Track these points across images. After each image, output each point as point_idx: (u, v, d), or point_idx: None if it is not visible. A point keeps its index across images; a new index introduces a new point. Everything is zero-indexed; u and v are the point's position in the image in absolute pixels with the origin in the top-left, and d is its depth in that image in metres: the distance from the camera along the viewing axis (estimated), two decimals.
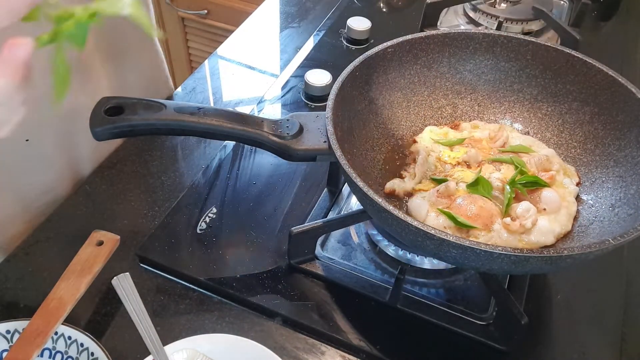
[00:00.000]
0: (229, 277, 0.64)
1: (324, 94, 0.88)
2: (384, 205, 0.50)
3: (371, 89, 0.68)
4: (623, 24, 1.13)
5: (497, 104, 0.73)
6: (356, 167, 0.61)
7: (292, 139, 0.60)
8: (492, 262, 0.49)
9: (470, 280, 0.65)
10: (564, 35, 0.98)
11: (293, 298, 0.63)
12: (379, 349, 0.59)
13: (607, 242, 0.48)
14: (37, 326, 0.54)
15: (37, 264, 0.66)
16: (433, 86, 0.72)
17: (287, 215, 0.71)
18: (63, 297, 0.56)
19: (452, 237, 0.48)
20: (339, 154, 0.55)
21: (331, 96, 0.60)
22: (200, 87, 0.94)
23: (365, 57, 0.65)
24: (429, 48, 0.70)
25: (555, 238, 0.59)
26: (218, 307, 0.63)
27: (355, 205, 0.72)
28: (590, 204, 0.63)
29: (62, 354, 0.55)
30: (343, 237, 0.69)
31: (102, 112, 0.58)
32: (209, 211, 0.71)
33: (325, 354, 0.59)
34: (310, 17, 1.10)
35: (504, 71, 0.72)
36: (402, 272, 0.62)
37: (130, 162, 0.79)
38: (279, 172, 0.77)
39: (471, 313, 0.61)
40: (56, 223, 0.71)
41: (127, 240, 0.65)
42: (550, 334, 0.62)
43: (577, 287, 0.66)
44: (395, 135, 0.71)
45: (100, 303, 0.62)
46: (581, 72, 0.67)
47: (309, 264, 0.65)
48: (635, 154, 0.61)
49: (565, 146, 0.69)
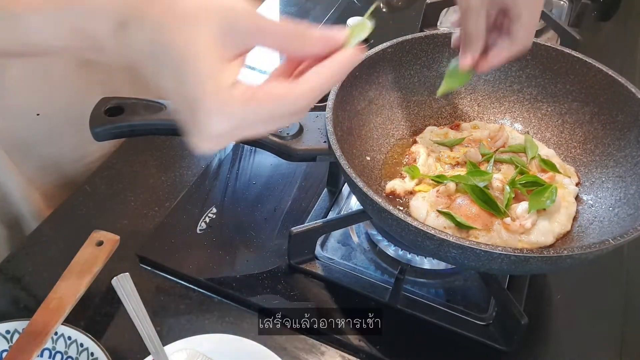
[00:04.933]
0: (229, 277, 0.64)
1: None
2: (384, 205, 0.50)
3: (371, 89, 0.68)
4: (623, 24, 1.13)
5: (497, 104, 0.73)
6: (356, 167, 0.61)
7: (292, 139, 0.60)
8: (492, 262, 0.49)
9: (470, 280, 0.65)
10: (564, 35, 0.98)
11: (293, 298, 0.63)
12: (379, 349, 0.59)
13: (607, 242, 0.48)
14: (37, 326, 0.54)
15: (37, 264, 0.66)
16: (433, 86, 0.72)
17: (287, 215, 0.71)
18: (63, 297, 0.56)
19: (452, 237, 0.48)
20: (338, 154, 0.55)
21: (331, 96, 0.60)
22: None
23: (365, 57, 0.65)
24: (429, 48, 0.70)
25: (554, 238, 0.59)
26: (218, 307, 0.63)
27: (355, 205, 0.72)
28: (590, 204, 0.63)
29: (62, 354, 0.55)
30: (343, 237, 0.69)
31: (102, 113, 0.58)
32: (209, 211, 0.71)
33: (325, 354, 0.59)
34: (310, 17, 1.10)
35: (503, 71, 0.72)
36: (402, 272, 0.62)
37: (130, 162, 0.79)
38: (279, 172, 0.77)
39: (471, 313, 0.61)
40: (56, 223, 0.71)
41: (127, 240, 0.65)
42: (550, 334, 0.62)
43: (577, 287, 0.66)
44: (395, 135, 0.71)
45: (100, 303, 0.62)
46: (581, 72, 0.67)
47: (309, 264, 0.65)
48: (635, 154, 0.61)
49: (565, 146, 0.69)
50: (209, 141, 0.37)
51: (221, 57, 0.36)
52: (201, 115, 0.36)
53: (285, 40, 0.38)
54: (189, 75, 0.35)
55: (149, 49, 0.36)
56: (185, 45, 0.35)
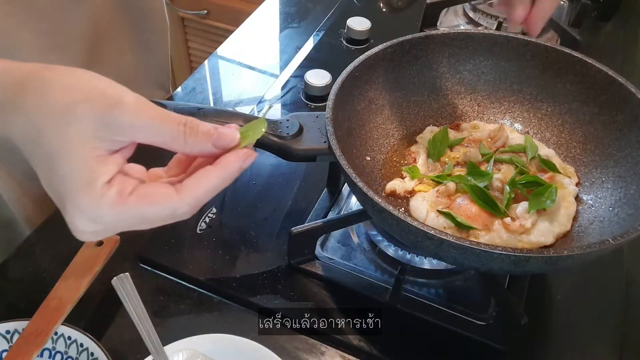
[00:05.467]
0: (229, 277, 0.64)
1: (324, 94, 0.88)
2: (384, 206, 0.50)
3: (371, 89, 0.68)
4: (623, 24, 1.13)
5: (497, 104, 0.73)
6: (356, 167, 0.61)
7: (292, 139, 0.60)
8: (492, 262, 0.49)
9: (470, 280, 0.65)
10: (564, 36, 0.98)
11: (293, 298, 0.63)
12: (379, 349, 0.59)
13: (607, 242, 0.48)
14: (37, 326, 0.54)
15: (37, 264, 0.66)
16: (433, 86, 0.72)
17: (287, 215, 0.71)
18: (63, 297, 0.56)
19: (452, 237, 0.48)
20: (338, 154, 0.55)
21: (331, 96, 0.60)
22: (200, 87, 0.94)
23: (365, 57, 0.65)
24: (429, 48, 0.70)
25: (554, 238, 0.59)
26: (218, 307, 0.63)
27: (355, 205, 0.72)
28: (590, 204, 0.63)
29: (62, 354, 0.55)
30: (343, 237, 0.69)
31: None
32: (209, 211, 0.71)
33: (325, 354, 0.59)
34: (310, 17, 1.10)
35: (503, 71, 0.72)
36: (402, 272, 0.62)
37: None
38: (279, 172, 0.77)
39: (471, 313, 0.61)
40: (56, 223, 0.71)
41: (127, 240, 0.65)
42: (550, 334, 0.62)
43: (577, 287, 0.66)
44: (395, 135, 0.71)
45: (100, 303, 0.62)
46: (581, 72, 0.67)
47: (309, 264, 0.65)
48: (635, 154, 0.61)
49: (565, 146, 0.69)
50: (80, 235, 0.36)
51: (95, 153, 0.35)
52: (68, 214, 0.35)
53: (170, 138, 0.37)
54: (59, 172, 0.34)
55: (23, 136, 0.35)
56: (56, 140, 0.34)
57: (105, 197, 0.35)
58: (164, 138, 0.37)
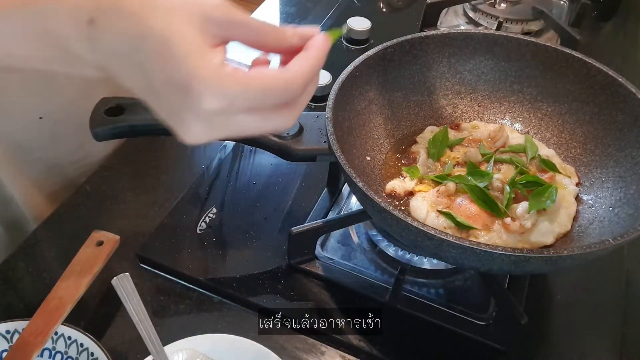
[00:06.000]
0: (229, 277, 0.64)
1: (324, 94, 0.88)
2: (384, 206, 0.50)
3: (371, 89, 0.68)
4: (623, 24, 1.13)
5: (497, 104, 0.73)
6: (356, 167, 0.61)
7: (292, 139, 0.60)
8: (492, 262, 0.49)
9: (470, 281, 0.65)
10: (564, 36, 0.98)
11: (293, 298, 0.63)
12: (379, 349, 0.59)
13: (607, 242, 0.48)
14: (37, 326, 0.54)
15: (37, 264, 0.66)
16: (433, 86, 0.72)
17: (287, 215, 0.71)
18: (63, 297, 0.56)
19: (452, 237, 0.48)
20: (338, 154, 0.55)
21: (331, 96, 0.60)
22: None
23: (365, 57, 0.65)
24: (429, 48, 0.70)
25: (554, 238, 0.59)
26: (218, 307, 0.63)
27: (355, 205, 0.72)
28: (590, 204, 0.63)
29: (62, 354, 0.55)
30: (343, 237, 0.69)
31: (102, 113, 0.58)
32: (209, 211, 0.71)
33: (325, 354, 0.59)
34: (310, 17, 1.10)
35: (503, 71, 0.72)
36: (402, 272, 0.62)
37: (130, 162, 0.79)
38: (279, 172, 0.77)
39: (471, 313, 0.61)
40: (56, 223, 0.71)
41: (127, 240, 0.65)
42: (550, 334, 0.62)
43: (577, 287, 0.66)
44: (395, 135, 0.71)
45: (100, 303, 0.62)
46: (581, 72, 0.67)
47: (309, 264, 0.65)
48: (635, 154, 0.61)
49: (565, 146, 0.69)
50: (199, 124, 0.36)
51: (204, 40, 0.35)
52: (193, 92, 0.34)
53: (261, 34, 0.38)
54: (175, 55, 0.34)
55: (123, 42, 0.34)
56: (166, 29, 0.34)
57: (228, 70, 0.35)
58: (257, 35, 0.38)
